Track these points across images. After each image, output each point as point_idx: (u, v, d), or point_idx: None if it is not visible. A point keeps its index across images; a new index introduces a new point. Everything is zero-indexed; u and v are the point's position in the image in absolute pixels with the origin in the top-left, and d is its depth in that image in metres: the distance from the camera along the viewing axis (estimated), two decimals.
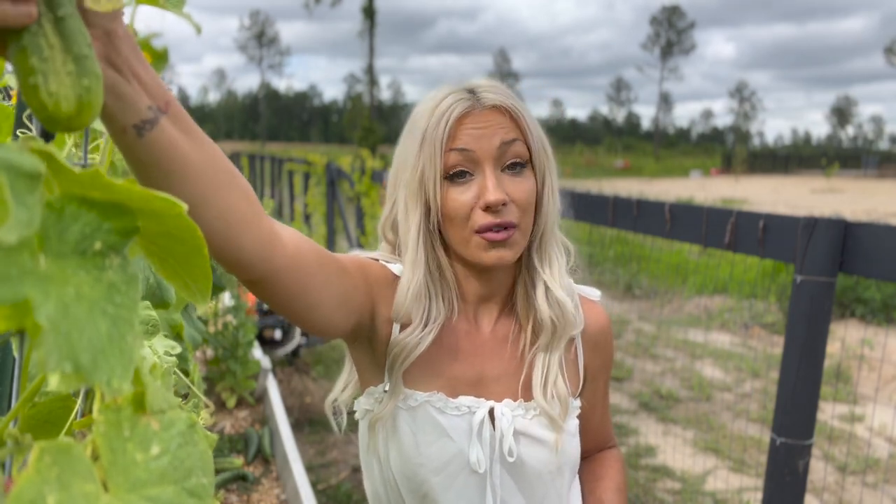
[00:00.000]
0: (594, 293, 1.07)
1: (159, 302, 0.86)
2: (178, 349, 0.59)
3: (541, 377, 0.95)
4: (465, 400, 0.94)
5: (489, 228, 0.87)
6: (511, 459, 0.93)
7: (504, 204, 0.88)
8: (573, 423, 0.99)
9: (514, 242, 0.90)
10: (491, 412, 0.95)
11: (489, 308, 0.99)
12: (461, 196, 0.89)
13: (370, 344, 0.95)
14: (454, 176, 0.89)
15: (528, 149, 0.91)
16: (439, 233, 0.94)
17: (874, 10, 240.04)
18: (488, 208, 0.87)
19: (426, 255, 0.93)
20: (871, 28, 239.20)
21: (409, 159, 0.92)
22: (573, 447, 0.99)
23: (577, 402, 1.02)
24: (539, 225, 0.94)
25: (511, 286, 1.00)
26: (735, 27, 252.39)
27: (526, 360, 0.98)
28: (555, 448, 0.95)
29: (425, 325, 0.93)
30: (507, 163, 0.89)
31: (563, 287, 0.96)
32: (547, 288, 0.95)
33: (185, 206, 0.34)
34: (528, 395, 0.97)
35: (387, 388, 0.94)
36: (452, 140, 0.89)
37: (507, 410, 0.95)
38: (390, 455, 0.95)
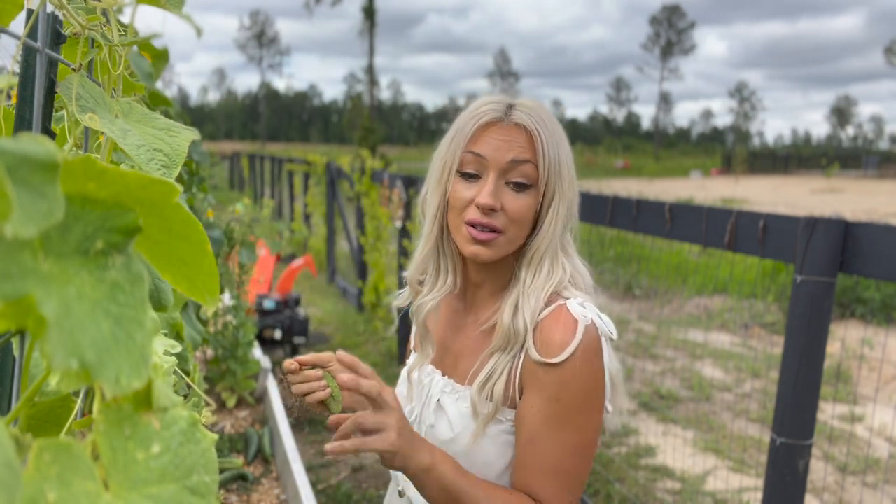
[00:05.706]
0: (583, 317, 0.95)
1: (156, 305, 0.86)
2: (179, 348, 0.59)
3: (485, 375, 1.00)
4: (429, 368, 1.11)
5: (475, 224, 0.98)
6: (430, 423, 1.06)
7: (494, 210, 0.96)
8: (497, 429, 0.99)
9: (495, 245, 0.99)
10: None
11: (483, 295, 1.08)
12: (464, 191, 0.99)
13: None
14: (465, 174, 1.00)
15: (537, 172, 0.98)
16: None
17: (873, 8, 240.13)
18: (479, 208, 0.97)
19: (438, 232, 1.05)
20: (870, 27, 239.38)
21: (442, 149, 1.04)
22: (487, 452, 0.99)
23: (512, 413, 0.99)
24: (535, 242, 1.01)
25: (507, 283, 1.05)
26: (730, 26, 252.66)
27: (486, 354, 1.02)
28: (455, 438, 1.00)
29: (429, 292, 1.07)
30: (513, 179, 0.98)
31: (536, 302, 0.98)
32: (518, 297, 1.00)
33: (180, 189, 0.33)
34: (470, 381, 1.04)
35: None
36: (473, 143, 0.99)
37: (441, 383, 1.06)
38: None
